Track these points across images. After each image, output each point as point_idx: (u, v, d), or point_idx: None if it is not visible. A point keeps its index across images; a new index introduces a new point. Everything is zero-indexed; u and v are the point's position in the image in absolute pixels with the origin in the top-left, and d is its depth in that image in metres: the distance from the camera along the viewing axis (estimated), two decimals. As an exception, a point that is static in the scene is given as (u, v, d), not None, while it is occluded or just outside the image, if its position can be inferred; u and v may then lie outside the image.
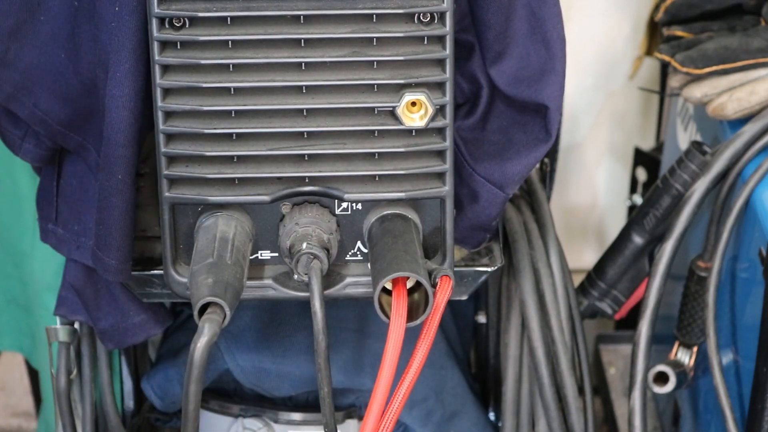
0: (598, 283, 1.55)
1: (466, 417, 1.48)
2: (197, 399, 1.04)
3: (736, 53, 1.45)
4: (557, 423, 1.40)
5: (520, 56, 1.18)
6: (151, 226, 1.27)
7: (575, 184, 2.32)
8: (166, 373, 1.46)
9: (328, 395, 1.11)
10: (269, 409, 1.42)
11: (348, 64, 1.12)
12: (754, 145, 1.40)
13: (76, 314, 1.33)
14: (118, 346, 1.35)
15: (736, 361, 1.41)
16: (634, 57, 2.07)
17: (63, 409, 1.39)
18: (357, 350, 1.42)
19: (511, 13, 1.16)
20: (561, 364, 1.39)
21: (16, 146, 1.26)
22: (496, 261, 1.28)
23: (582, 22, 2.14)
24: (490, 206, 1.23)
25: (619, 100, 2.24)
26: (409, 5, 1.10)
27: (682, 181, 1.44)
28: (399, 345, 1.04)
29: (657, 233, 1.49)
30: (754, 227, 1.35)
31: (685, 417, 1.63)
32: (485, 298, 1.53)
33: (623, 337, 2.05)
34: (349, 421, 1.42)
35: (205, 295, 1.04)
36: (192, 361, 1.01)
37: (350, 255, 1.20)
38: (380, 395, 1.04)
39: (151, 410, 1.52)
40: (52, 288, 1.39)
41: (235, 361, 1.40)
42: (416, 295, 1.11)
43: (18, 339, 1.61)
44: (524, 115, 1.21)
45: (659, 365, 1.43)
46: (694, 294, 1.44)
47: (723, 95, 1.46)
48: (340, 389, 1.41)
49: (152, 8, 1.08)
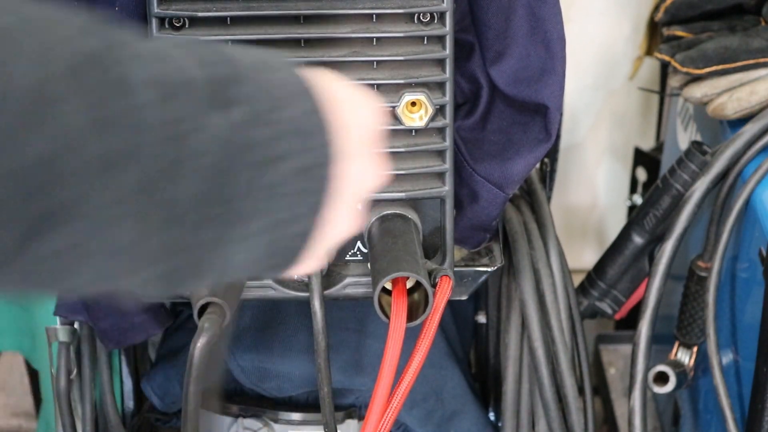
0: (598, 283, 1.55)
1: (466, 417, 1.48)
2: (197, 399, 1.04)
3: (736, 53, 1.45)
4: (557, 423, 1.40)
5: (520, 56, 1.18)
6: (151, 226, 1.26)
7: (575, 184, 2.32)
8: (166, 373, 1.46)
9: (328, 395, 1.11)
10: (269, 409, 1.42)
11: (348, 64, 1.12)
12: (754, 145, 1.39)
13: (76, 314, 1.33)
14: (118, 346, 1.35)
15: (736, 361, 1.41)
16: (634, 57, 2.07)
17: (63, 409, 1.39)
18: (357, 350, 1.42)
19: (511, 13, 1.16)
20: (561, 364, 1.39)
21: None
22: (496, 261, 1.28)
23: (582, 22, 2.14)
24: (490, 206, 1.23)
25: (619, 100, 2.24)
26: (409, 5, 1.10)
27: (682, 181, 1.44)
28: (399, 345, 1.04)
29: (657, 233, 1.49)
30: (754, 227, 1.35)
31: (685, 417, 1.63)
32: (485, 298, 1.53)
33: (623, 337, 2.05)
34: (349, 421, 1.42)
35: (205, 295, 1.04)
36: (192, 361, 1.01)
37: (350, 255, 1.20)
38: (381, 395, 1.04)
39: (151, 410, 1.52)
40: (52, 288, 1.38)
41: (236, 361, 1.40)
42: (416, 295, 1.11)
43: (18, 339, 1.61)
44: (524, 115, 1.21)
45: (659, 365, 1.43)
46: (694, 294, 1.44)
47: (723, 95, 1.46)
48: (340, 389, 1.41)
49: (152, 8, 1.08)
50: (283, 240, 0.71)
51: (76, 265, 0.63)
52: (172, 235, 0.66)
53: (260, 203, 0.69)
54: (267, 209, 0.69)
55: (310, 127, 0.70)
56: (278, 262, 0.73)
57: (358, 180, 0.75)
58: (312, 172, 0.71)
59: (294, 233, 0.72)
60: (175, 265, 0.68)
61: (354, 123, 0.74)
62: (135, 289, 0.68)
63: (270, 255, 0.71)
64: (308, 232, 0.72)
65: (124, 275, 0.66)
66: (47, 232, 0.60)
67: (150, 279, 0.67)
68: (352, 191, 0.74)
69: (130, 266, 0.65)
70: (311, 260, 0.75)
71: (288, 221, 0.71)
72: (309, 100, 0.71)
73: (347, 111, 0.73)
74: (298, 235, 0.72)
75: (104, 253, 0.63)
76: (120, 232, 0.63)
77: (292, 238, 0.72)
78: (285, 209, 0.70)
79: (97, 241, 0.62)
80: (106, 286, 0.67)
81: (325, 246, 0.75)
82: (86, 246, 0.62)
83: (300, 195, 0.70)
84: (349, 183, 0.73)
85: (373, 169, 0.77)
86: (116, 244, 0.63)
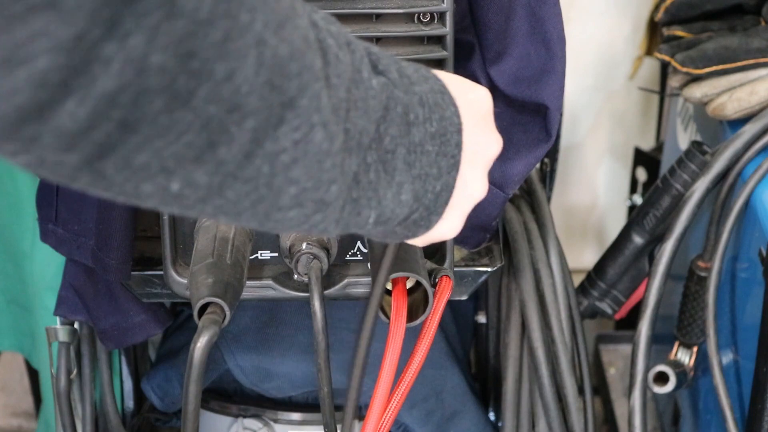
0: (598, 283, 1.55)
1: (466, 417, 1.48)
2: (197, 399, 1.03)
3: (736, 53, 1.45)
4: (557, 423, 1.40)
5: (519, 56, 1.18)
6: (151, 226, 1.26)
7: (575, 184, 2.32)
8: (166, 373, 1.46)
9: (328, 395, 1.11)
10: (269, 409, 1.42)
11: (348, 64, 1.12)
12: (754, 145, 1.39)
13: (76, 314, 1.33)
14: (118, 346, 1.35)
15: (736, 361, 1.41)
16: (634, 57, 2.07)
17: (63, 409, 1.39)
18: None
19: (511, 13, 1.16)
20: (561, 364, 1.39)
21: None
22: (496, 261, 1.28)
23: (582, 22, 2.14)
24: (490, 206, 1.23)
25: (619, 100, 2.24)
26: (409, 5, 1.10)
27: (682, 181, 1.44)
28: (399, 345, 1.04)
29: (657, 233, 1.49)
30: (754, 227, 1.35)
31: (685, 417, 1.63)
32: (485, 298, 1.53)
33: (623, 337, 2.05)
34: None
35: (205, 295, 1.04)
36: (192, 361, 1.01)
37: (350, 255, 1.20)
38: (381, 395, 1.04)
39: (151, 410, 1.52)
40: (52, 288, 1.39)
41: (236, 361, 1.40)
42: (416, 295, 1.10)
43: (18, 339, 1.61)
44: (524, 115, 1.21)
45: (659, 365, 1.43)
46: (694, 294, 1.44)
47: (723, 95, 1.46)
48: (340, 389, 1.41)
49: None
50: (428, 191, 0.82)
51: (293, 166, 0.70)
52: (351, 161, 0.75)
53: (409, 156, 0.79)
54: (413, 162, 0.80)
55: (439, 101, 0.82)
56: (422, 216, 0.83)
57: (483, 147, 0.86)
58: (446, 137, 0.82)
59: (437, 187, 0.82)
60: (349, 193, 0.76)
61: (470, 101, 0.86)
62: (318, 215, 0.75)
63: (416, 203, 0.81)
64: (450, 187, 0.83)
65: (317, 187, 0.73)
66: (281, 125, 0.68)
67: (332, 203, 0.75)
68: (480, 157, 0.86)
69: (321, 176, 0.72)
70: (450, 222, 0.86)
71: (431, 176, 0.82)
72: (435, 81, 0.83)
73: (463, 92, 0.85)
74: (441, 188, 0.83)
75: (311, 156, 0.71)
76: (320, 139, 0.71)
77: (435, 190, 0.82)
78: (427, 165, 0.81)
79: (308, 143, 0.70)
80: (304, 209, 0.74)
81: (461, 207, 0.86)
82: (306, 142, 0.70)
83: (438, 155, 0.82)
84: (476, 149, 0.85)
85: (493, 138, 0.88)
86: (319, 148, 0.71)
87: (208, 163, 0.65)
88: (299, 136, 0.69)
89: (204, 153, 0.65)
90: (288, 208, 0.72)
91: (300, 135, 0.69)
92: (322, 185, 0.73)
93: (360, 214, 0.78)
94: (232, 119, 0.64)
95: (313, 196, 0.73)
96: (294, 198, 0.72)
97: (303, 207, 0.73)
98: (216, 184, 0.67)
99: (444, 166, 0.82)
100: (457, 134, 0.83)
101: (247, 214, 0.71)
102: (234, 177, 0.67)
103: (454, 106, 0.83)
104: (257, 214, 0.72)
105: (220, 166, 0.66)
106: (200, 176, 0.66)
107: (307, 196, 0.72)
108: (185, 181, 0.66)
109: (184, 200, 0.67)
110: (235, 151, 0.66)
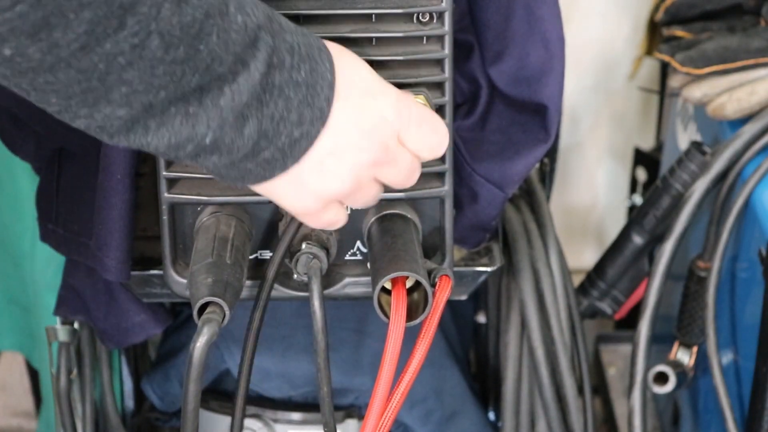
0: (598, 283, 1.55)
1: (466, 417, 1.48)
2: (197, 399, 1.03)
3: (735, 53, 1.45)
4: (557, 423, 1.40)
5: (519, 56, 1.18)
6: (151, 226, 1.26)
7: (575, 184, 2.32)
8: (166, 373, 1.46)
9: (328, 395, 1.11)
10: (269, 409, 1.42)
11: (347, 64, 1.12)
12: (754, 145, 1.40)
13: (76, 314, 1.33)
14: (118, 346, 1.35)
15: (736, 361, 1.41)
16: (634, 57, 2.07)
17: (63, 409, 1.39)
18: (356, 350, 1.42)
19: (510, 13, 1.16)
20: (561, 364, 1.39)
21: (16, 146, 1.25)
22: (495, 261, 1.28)
23: (582, 23, 2.14)
24: (489, 206, 1.23)
25: (619, 100, 2.24)
26: (408, 5, 1.10)
27: (682, 181, 1.44)
28: (399, 345, 1.04)
29: (657, 233, 1.49)
30: (753, 227, 1.35)
31: (685, 417, 1.63)
32: (485, 298, 1.53)
33: (623, 337, 2.05)
34: (348, 420, 1.42)
35: (205, 295, 1.04)
36: (191, 361, 1.01)
37: (350, 254, 1.20)
38: (381, 395, 1.04)
39: (151, 410, 1.52)
40: (52, 288, 1.39)
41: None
42: (416, 295, 1.10)
43: (18, 339, 1.61)
44: (524, 115, 1.21)
45: (659, 365, 1.43)
46: (694, 294, 1.44)
47: (723, 95, 1.46)
48: (340, 389, 1.41)
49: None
50: (282, 134, 0.86)
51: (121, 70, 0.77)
52: (193, 78, 0.80)
53: (263, 94, 0.84)
54: (267, 101, 0.85)
55: (315, 55, 0.88)
56: (275, 156, 0.87)
57: (356, 135, 0.90)
58: (315, 90, 0.87)
59: (295, 133, 0.87)
60: (185, 107, 0.81)
61: (354, 82, 0.91)
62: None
63: (265, 141, 0.86)
64: (311, 137, 0.88)
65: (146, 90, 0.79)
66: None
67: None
68: (351, 140, 0.90)
69: (153, 80, 0.79)
70: (303, 181, 0.90)
71: (289, 121, 0.86)
72: (316, 40, 0.89)
73: (351, 71, 0.91)
74: (301, 136, 0.87)
75: (146, 61, 0.77)
76: (155, 46, 0.77)
77: (293, 135, 0.87)
78: (285, 109, 0.85)
79: (144, 48, 0.77)
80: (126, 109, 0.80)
81: (316, 172, 0.90)
82: (142, 48, 0.77)
83: (302, 104, 0.86)
84: (349, 128, 0.89)
85: (365, 145, 0.92)
86: (153, 55, 0.77)
87: (42, 42, 0.73)
88: (137, 41, 0.76)
89: (40, 31, 0.72)
90: (118, 105, 0.79)
91: (138, 40, 0.76)
92: (152, 90, 0.79)
93: (195, 128, 0.83)
94: (70, 6, 0.72)
95: (142, 98, 0.79)
96: (125, 97, 0.79)
97: (131, 107, 0.79)
98: (48, 63, 0.75)
99: (307, 116, 0.87)
100: (329, 89, 0.87)
101: (77, 99, 0.78)
102: (68, 64, 0.75)
103: (329, 63, 0.88)
104: (86, 102, 0.78)
105: (54, 48, 0.74)
106: (33, 51, 0.73)
107: (136, 98, 0.79)
108: (17, 50, 0.73)
109: (16, 66, 0.75)
110: (70, 38, 0.73)
